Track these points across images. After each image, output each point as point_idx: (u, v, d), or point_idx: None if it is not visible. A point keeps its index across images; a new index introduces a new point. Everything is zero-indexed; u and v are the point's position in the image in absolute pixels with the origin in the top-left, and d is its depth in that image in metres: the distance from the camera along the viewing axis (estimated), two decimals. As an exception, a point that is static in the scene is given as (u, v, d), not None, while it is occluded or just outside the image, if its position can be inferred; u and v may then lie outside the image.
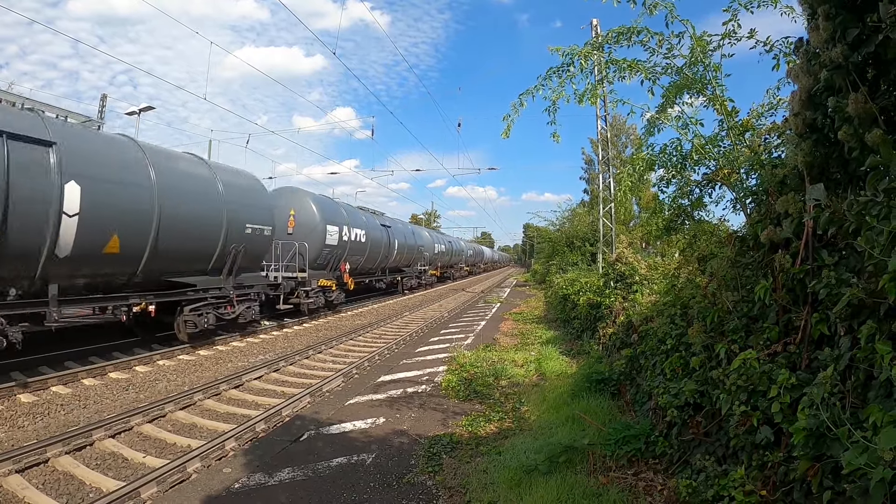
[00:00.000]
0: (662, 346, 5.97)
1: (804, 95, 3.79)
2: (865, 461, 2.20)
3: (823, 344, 3.44)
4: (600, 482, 5.13)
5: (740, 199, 5.72)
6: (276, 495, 5.42)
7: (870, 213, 2.80)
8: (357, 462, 6.27)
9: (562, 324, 17.42)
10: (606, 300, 11.79)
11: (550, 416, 7.51)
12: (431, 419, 7.92)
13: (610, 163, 18.69)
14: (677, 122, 6.54)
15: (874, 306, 2.80)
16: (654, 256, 13.39)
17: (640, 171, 7.50)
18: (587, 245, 26.01)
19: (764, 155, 5.51)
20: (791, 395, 3.22)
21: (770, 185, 4.53)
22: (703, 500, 3.81)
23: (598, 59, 6.76)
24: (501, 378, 10.35)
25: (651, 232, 8.24)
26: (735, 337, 4.38)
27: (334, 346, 15.30)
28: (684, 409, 4.99)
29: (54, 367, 10.67)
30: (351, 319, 21.52)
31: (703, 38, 5.97)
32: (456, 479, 5.78)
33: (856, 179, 3.42)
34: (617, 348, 9.15)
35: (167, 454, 7.05)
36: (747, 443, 3.65)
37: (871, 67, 3.27)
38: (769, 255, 4.20)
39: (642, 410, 6.66)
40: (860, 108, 3.06)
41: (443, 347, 14.16)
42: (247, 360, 13.06)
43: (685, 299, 5.99)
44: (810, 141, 3.78)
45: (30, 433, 7.47)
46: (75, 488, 6.00)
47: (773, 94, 6.00)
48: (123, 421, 7.88)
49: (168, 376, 11.01)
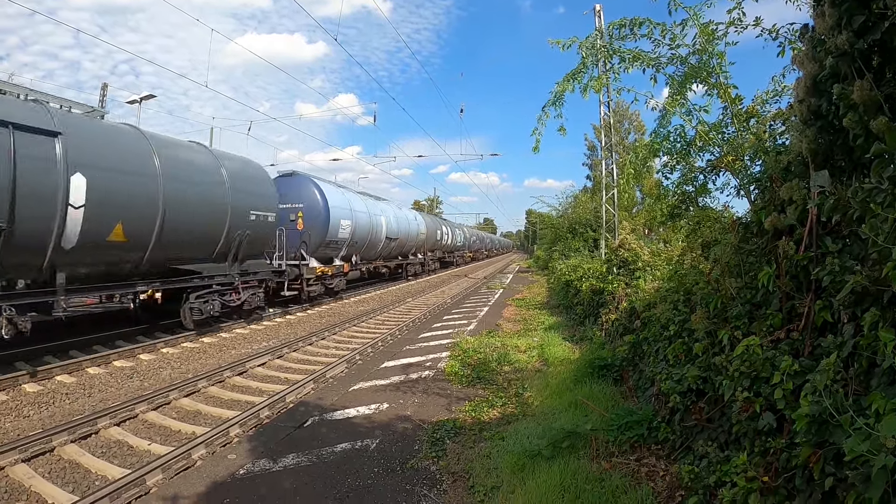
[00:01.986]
0: (665, 333, 5.98)
1: (809, 82, 3.77)
2: (868, 448, 2.21)
3: (826, 331, 3.44)
4: (603, 467, 5.16)
5: (744, 185, 5.70)
6: (281, 481, 5.47)
7: (874, 200, 2.79)
8: (361, 447, 6.32)
9: (564, 310, 17.43)
10: (609, 286, 11.79)
11: (553, 401, 7.54)
12: (435, 404, 7.96)
13: (613, 149, 18.56)
14: (681, 109, 6.51)
15: (878, 294, 2.80)
16: (656, 243, 13.36)
17: (643, 157, 7.48)
18: (590, 231, 25.95)
19: (768, 142, 5.49)
20: (794, 381, 3.23)
21: (774, 171, 4.52)
22: (706, 485, 3.84)
23: (603, 51, 6.71)
24: (504, 364, 10.39)
25: (655, 218, 8.23)
26: (738, 323, 4.39)
27: (337, 332, 15.35)
28: (687, 395, 5.01)
29: (58, 357, 10.71)
30: (354, 306, 21.58)
31: (707, 27, 5.92)
32: (459, 464, 5.82)
33: (860, 167, 3.40)
34: (619, 334, 9.16)
35: (172, 441, 7.10)
36: (750, 429, 3.67)
37: (876, 55, 3.24)
38: (773, 241, 4.19)
39: (645, 396, 6.68)
40: (865, 95, 3.04)
41: (446, 333, 14.20)
42: (250, 346, 13.11)
43: (688, 285, 6.00)
44: (815, 128, 3.76)
45: (35, 422, 7.52)
46: (81, 476, 6.05)
47: (778, 81, 5.96)
48: (128, 409, 7.93)
49: (172, 364, 11.07)
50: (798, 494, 2.98)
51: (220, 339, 13.82)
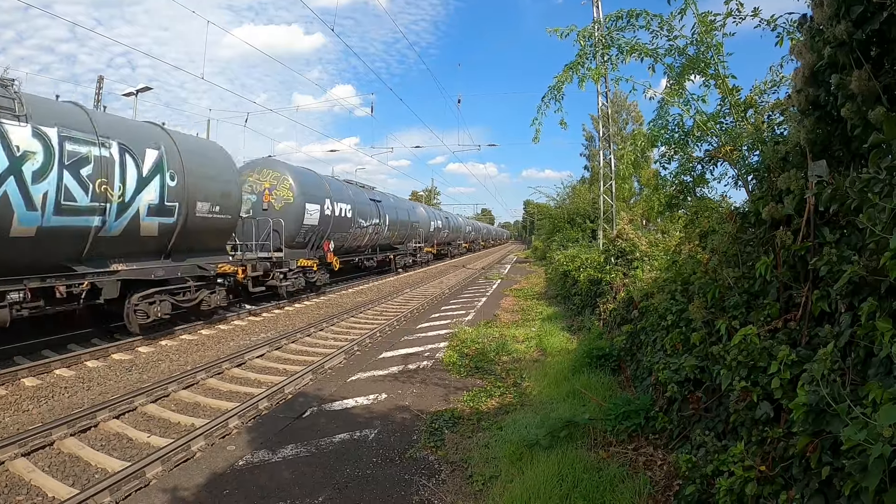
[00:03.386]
0: (663, 322, 6.00)
1: (807, 72, 3.76)
2: (865, 437, 2.22)
3: (824, 321, 3.45)
4: (601, 457, 5.20)
5: (742, 175, 5.70)
6: (280, 471, 5.49)
7: (872, 190, 2.79)
8: (360, 438, 6.34)
9: (562, 300, 17.48)
10: (607, 276, 11.80)
11: (551, 391, 7.57)
12: (433, 395, 7.99)
13: (611, 139, 18.55)
14: (679, 99, 6.49)
15: (875, 284, 2.80)
16: (654, 233, 13.36)
17: (641, 147, 7.46)
18: (588, 222, 26.00)
19: (766, 132, 5.48)
20: (791, 371, 3.24)
21: (772, 161, 4.51)
22: (703, 474, 3.85)
23: (601, 43, 6.68)
24: (502, 354, 10.43)
25: (653, 208, 8.22)
26: (736, 313, 4.40)
27: (336, 323, 15.38)
28: (684, 384, 5.03)
29: (57, 351, 10.72)
30: (352, 297, 21.57)
31: (706, 17, 5.89)
32: (458, 453, 5.85)
33: (858, 157, 3.40)
34: (617, 324, 9.18)
35: (171, 433, 7.13)
36: (747, 418, 3.68)
37: (874, 45, 3.23)
38: (770, 231, 4.20)
39: (642, 386, 6.71)
40: (863, 85, 3.04)
41: (444, 324, 14.23)
42: (249, 338, 13.13)
43: (686, 275, 6.00)
44: (813, 118, 3.76)
45: (34, 416, 7.53)
46: (81, 469, 6.07)
47: (776, 71, 5.93)
48: (127, 402, 7.95)
49: (171, 356, 11.08)
50: (795, 483, 3.00)
51: (218, 330, 13.84)
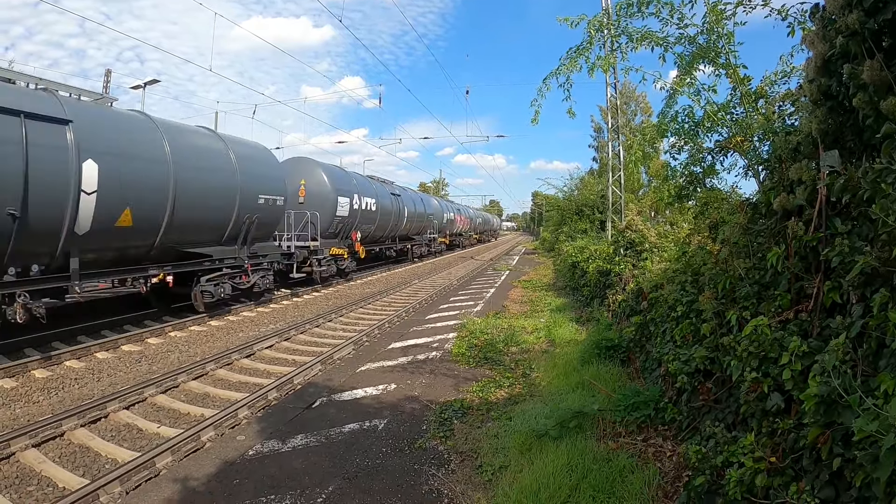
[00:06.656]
0: (673, 313, 5.97)
1: (819, 62, 3.73)
2: (876, 428, 2.21)
3: (835, 312, 3.43)
4: (610, 447, 5.20)
5: (753, 166, 5.67)
6: (290, 461, 5.53)
7: (885, 180, 2.77)
8: (369, 428, 6.37)
9: (571, 291, 17.44)
10: (616, 268, 11.77)
11: (560, 382, 7.57)
12: (442, 385, 8.01)
13: (619, 130, 18.47)
14: (689, 89, 6.45)
15: (887, 275, 2.79)
16: (663, 225, 13.31)
17: (650, 138, 7.43)
18: (596, 213, 25.90)
19: (777, 122, 5.44)
20: (802, 362, 3.22)
21: (783, 152, 4.48)
22: (713, 466, 3.85)
23: (610, 30, 6.64)
24: (511, 344, 10.44)
25: (662, 199, 8.19)
26: (747, 304, 4.38)
27: (344, 314, 15.42)
28: (694, 375, 5.01)
29: (67, 343, 10.78)
30: (361, 287, 21.66)
31: (716, 6, 5.84)
32: (467, 444, 5.86)
33: (870, 148, 3.37)
34: (626, 315, 9.16)
35: (181, 424, 7.18)
36: (757, 410, 3.67)
37: (887, 35, 3.20)
38: (782, 222, 4.17)
39: (652, 377, 6.70)
40: (876, 75, 3.01)
41: (453, 314, 14.25)
42: (258, 329, 13.19)
43: (696, 266, 5.98)
44: (825, 108, 3.73)
45: (45, 408, 7.58)
46: (91, 460, 6.12)
47: (787, 62, 5.89)
48: (137, 392, 8.00)
49: (180, 347, 11.14)
50: (805, 475, 2.99)
51: (227, 322, 13.89)
